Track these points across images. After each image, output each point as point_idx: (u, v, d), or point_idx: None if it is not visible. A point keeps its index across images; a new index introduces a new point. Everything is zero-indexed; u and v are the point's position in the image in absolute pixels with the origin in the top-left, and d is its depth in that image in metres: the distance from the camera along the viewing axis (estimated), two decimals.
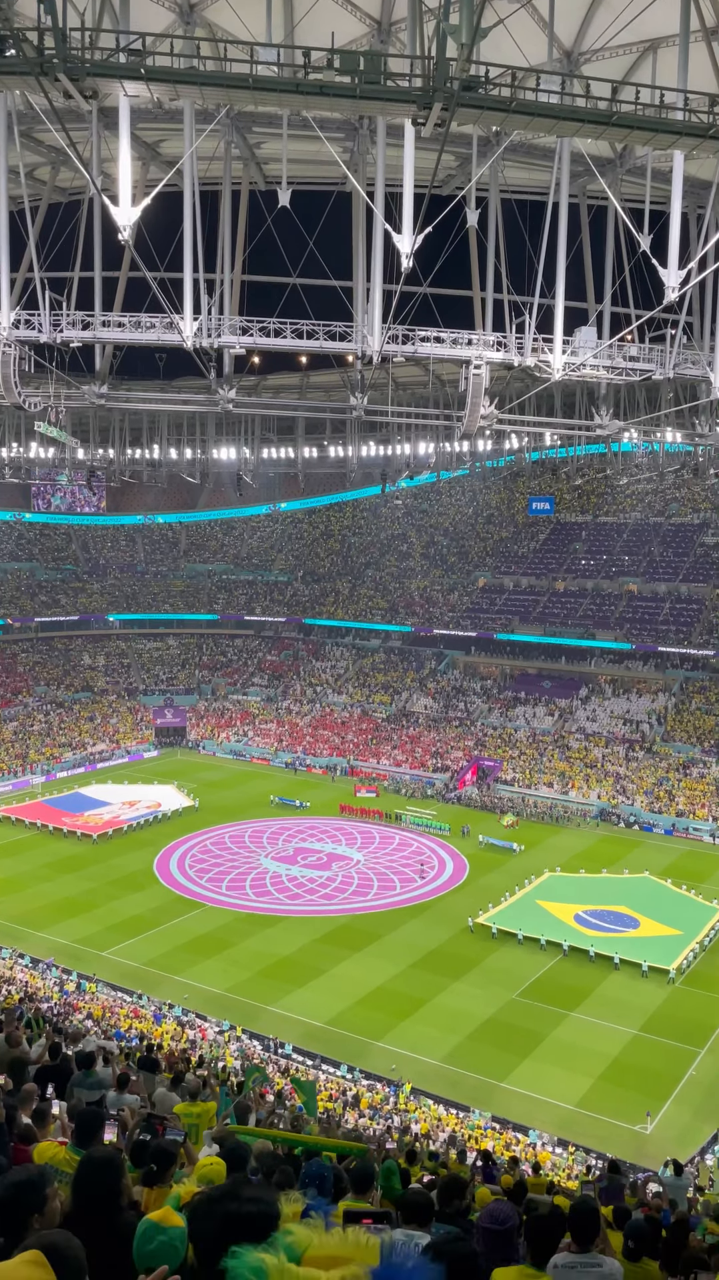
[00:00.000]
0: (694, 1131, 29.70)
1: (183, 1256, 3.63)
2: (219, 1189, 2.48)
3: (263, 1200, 2.35)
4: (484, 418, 34.31)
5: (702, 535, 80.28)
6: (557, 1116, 30.38)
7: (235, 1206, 2.34)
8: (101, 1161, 4.34)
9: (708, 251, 27.68)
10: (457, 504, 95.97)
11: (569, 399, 56.18)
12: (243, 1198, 2.36)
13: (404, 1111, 29.93)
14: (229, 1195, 2.39)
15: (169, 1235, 3.65)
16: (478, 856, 53.50)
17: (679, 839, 57.15)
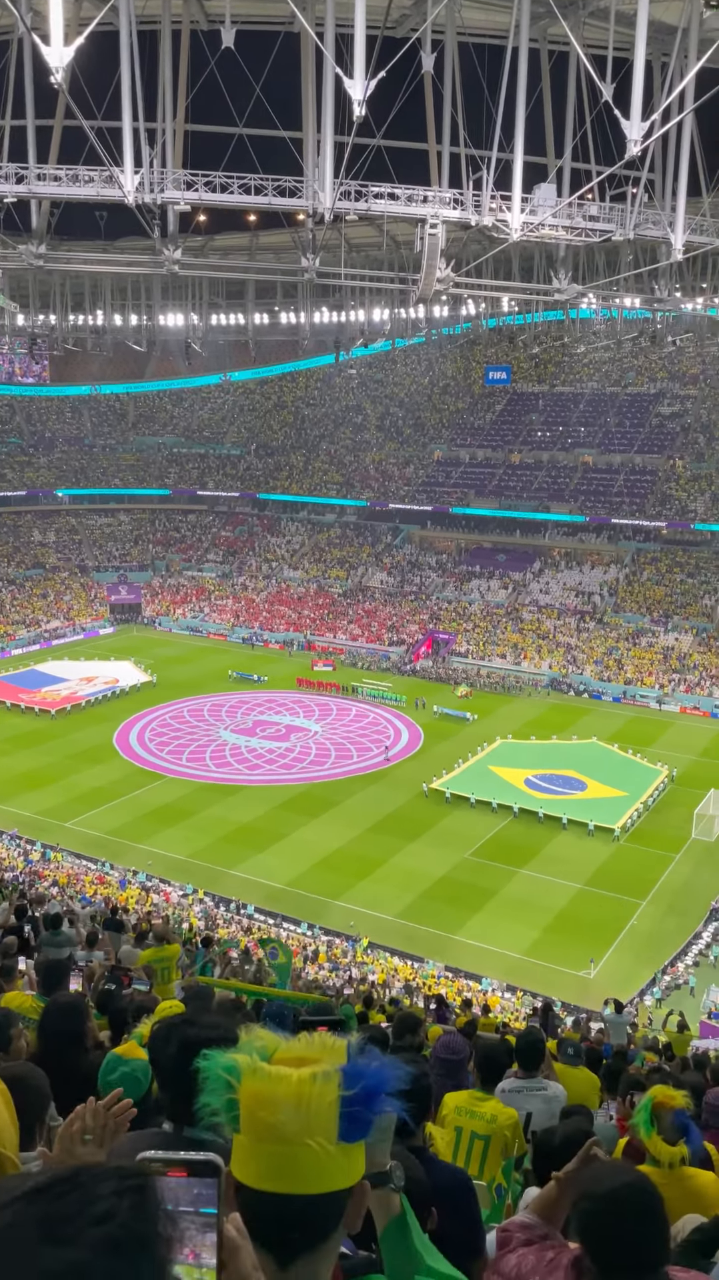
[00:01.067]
0: (634, 975, 31.68)
1: (146, 1088, 3.87)
2: (178, 1015, 2.63)
3: (221, 1025, 2.50)
4: (440, 281, 33.35)
5: (657, 405, 79.74)
6: (506, 965, 32.18)
7: (194, 1031, 2.49)
8: (66, 1006, 4.57)
9: (672, 102, 26.59)
10: (412, 373, 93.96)
11: (527, 262, 54.59)
12: (201, 1023, 2.52)
13: (362, 964, 31.49)
14: (188, 1021, 2.54)
15: (131, 1066, 3.89)
16: (433, 726, 54.74)
17: (627, 706, 58.85)
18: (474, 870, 38.36)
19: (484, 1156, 5.46)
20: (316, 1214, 1.53)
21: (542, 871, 38.24)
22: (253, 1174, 1.51)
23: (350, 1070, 1.55)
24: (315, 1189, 1.50)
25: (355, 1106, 1.52)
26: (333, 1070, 1.53)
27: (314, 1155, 1.49)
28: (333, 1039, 1.64)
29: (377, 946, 33.25)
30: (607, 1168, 2.78)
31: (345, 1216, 1.58)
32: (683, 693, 59.07)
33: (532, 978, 31.37)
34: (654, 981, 31.35)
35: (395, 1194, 1.95)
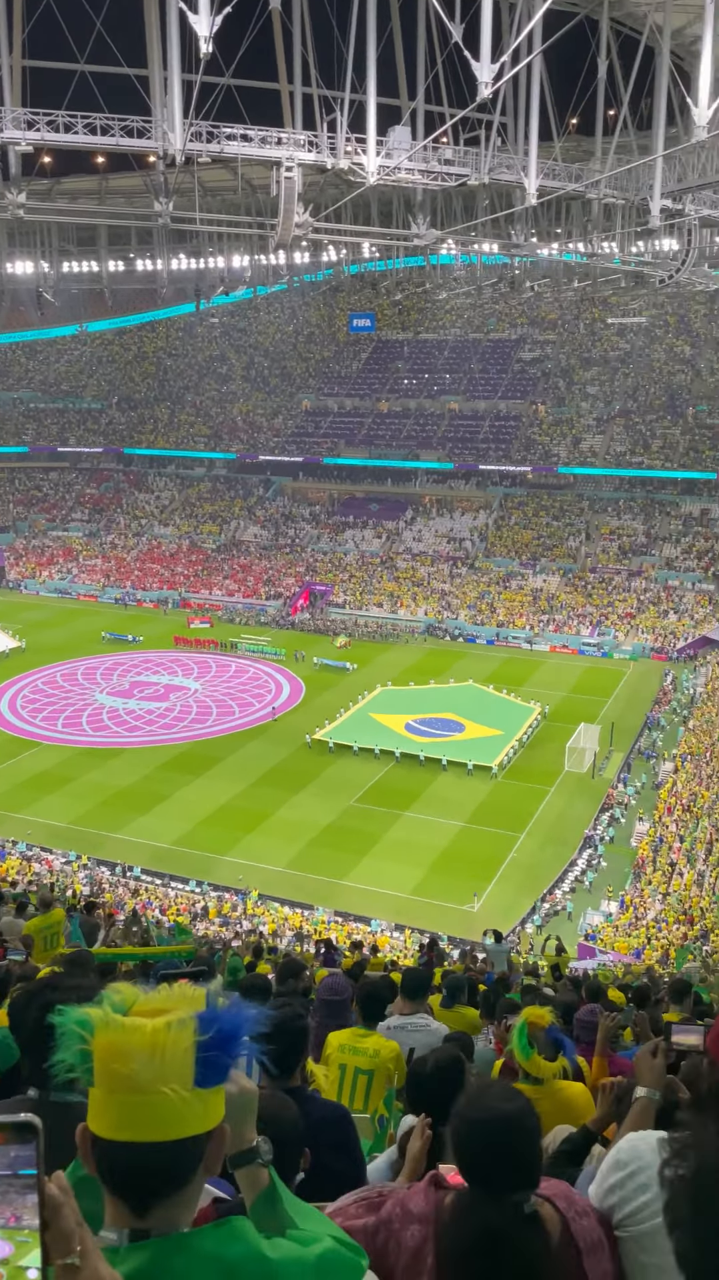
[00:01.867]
0: (516, 905, 32.97)
1: (15, 1057, 3.83)
2: (39, 981, 2.61)
3: (83, 986, 2.49)
4: (299, 226, 32.76)
5: (519, 351, 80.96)
6: (394, 905, 32.99)
7: (53, 995, 2.48)
8: None
9: (521, 43, 26.59)
10: (276, 322, 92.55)
11: (386, 207, 54.17)
12: (62, 986, 2.50)
13: (253, 916, 31.76)
14: (49, 985, 2.52)
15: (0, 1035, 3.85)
16: (313, 678, 54.99)
17: (500, 647, 60.40)
18: (359, 816, 38.99)
19: (368, 1090, 5.63)
20: (173, 1160, 1.54)
21: (425, 813, 39.17)
22: (107, 1125, 1.52)
23: (205, 1016, 1.57)
24: (171, 1135, 1.52)
25: (211, 1051, 1.54)
26: (187, 1017, 1.55)
27: (169, 1102, 1.51)
28: (191, 989, 1.65)
29: (266, 898, 33.56)
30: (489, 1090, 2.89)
31: (204, 1161, 1.60)
32: (552, 632, 60.99)
33: (419, 916, 32.26)
34: (534, 910, 32.71)
35: (263, 1168, 1.97)
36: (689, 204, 35.16)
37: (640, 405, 74.25)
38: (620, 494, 70.93)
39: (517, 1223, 2.34)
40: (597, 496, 71.30)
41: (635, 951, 27.13)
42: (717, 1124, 0.94)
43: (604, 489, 71.46)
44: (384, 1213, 2.64)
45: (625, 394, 75.53)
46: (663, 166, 32.20)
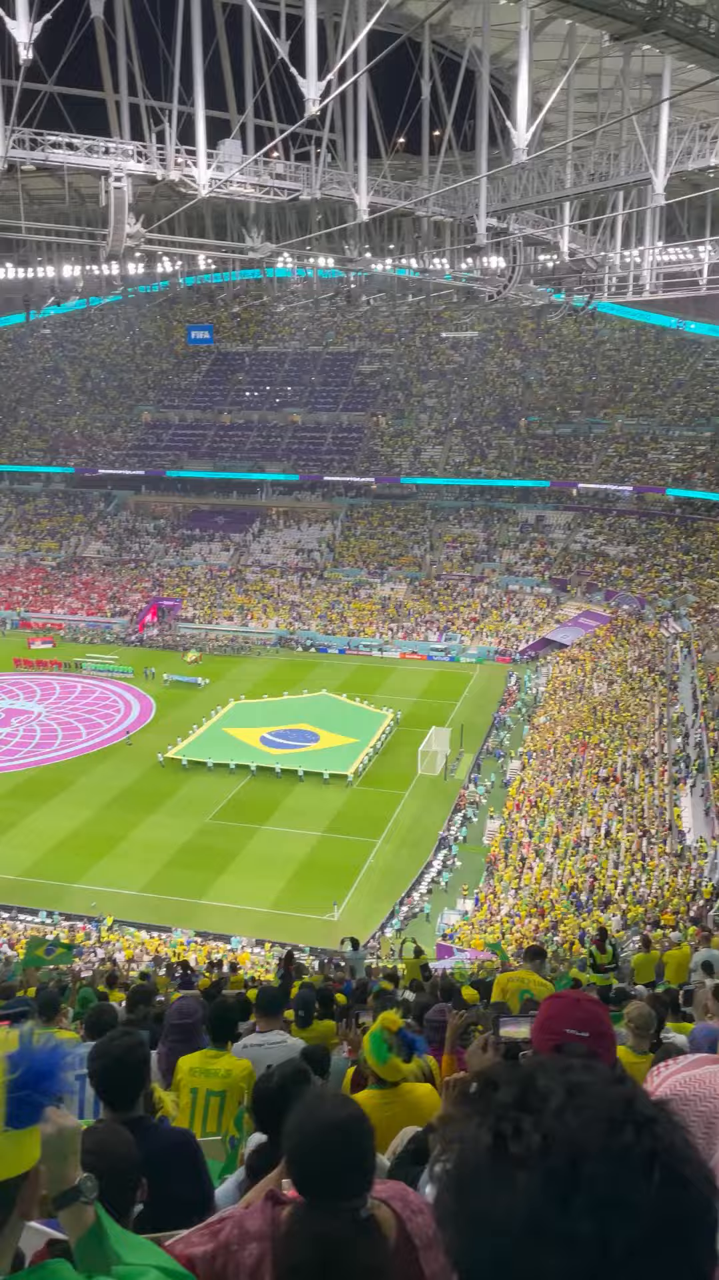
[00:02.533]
0: (375, 911, 33.31)
1: None
2: None
3: None
4: (131, 236, 32.19)
5: (357, 363, 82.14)
6: (254, 920, 32.74)
7: None
8: None
9: (346, 63, 27.06)
10: (112, 333, 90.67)
11: (220, 220, 54.02)
12: None
13: (107, 943, 30.86)
14: None
15: None
16: (164, 695, 54.03)
17: (351, 656, 60.99)
18: (216, 833, 38.53)
19: (221, 1111, 5.58)
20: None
21: (282, 825, 39.08)
22: None
23: (15, 1056, 1.53)
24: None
25: (21, 1091, 1.50)
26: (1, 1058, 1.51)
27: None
28: (5, 1031, 1.61)
29: (122, 924, 32.69)
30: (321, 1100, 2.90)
31: (19, 1204, 1.56)
32: (401, 639, 62.06)
33: (280, 929, 32.13)
34: (393, 914, 33.13)
35: (87, 1207, 1.93)
36: (513, 223, 36.57)
37: (476, 416, 76.60)
38: (461, 503, 72.92)
39: (350, 1229, 2.37)
40: (438, 505, 73.05)
41: (491, 947, 27.85)
42: (480, 1116, 0.98)
43: (445, 498, 73.30)
44: (223, 1236, 2.63)
45: (462, 405, 77.77)
46: (487, 186, 33.34)
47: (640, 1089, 1.03)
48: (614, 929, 25.55)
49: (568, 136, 30.20)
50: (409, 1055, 4.91)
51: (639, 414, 72.13)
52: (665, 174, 28.01)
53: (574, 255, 40.42)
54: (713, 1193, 0.95)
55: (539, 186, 34.29)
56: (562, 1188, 0.89)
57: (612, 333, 77.39)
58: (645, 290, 43.29)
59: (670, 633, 53.43)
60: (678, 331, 72.34)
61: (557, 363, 78.58)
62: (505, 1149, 0.94)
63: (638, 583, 61.47)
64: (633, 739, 42.07)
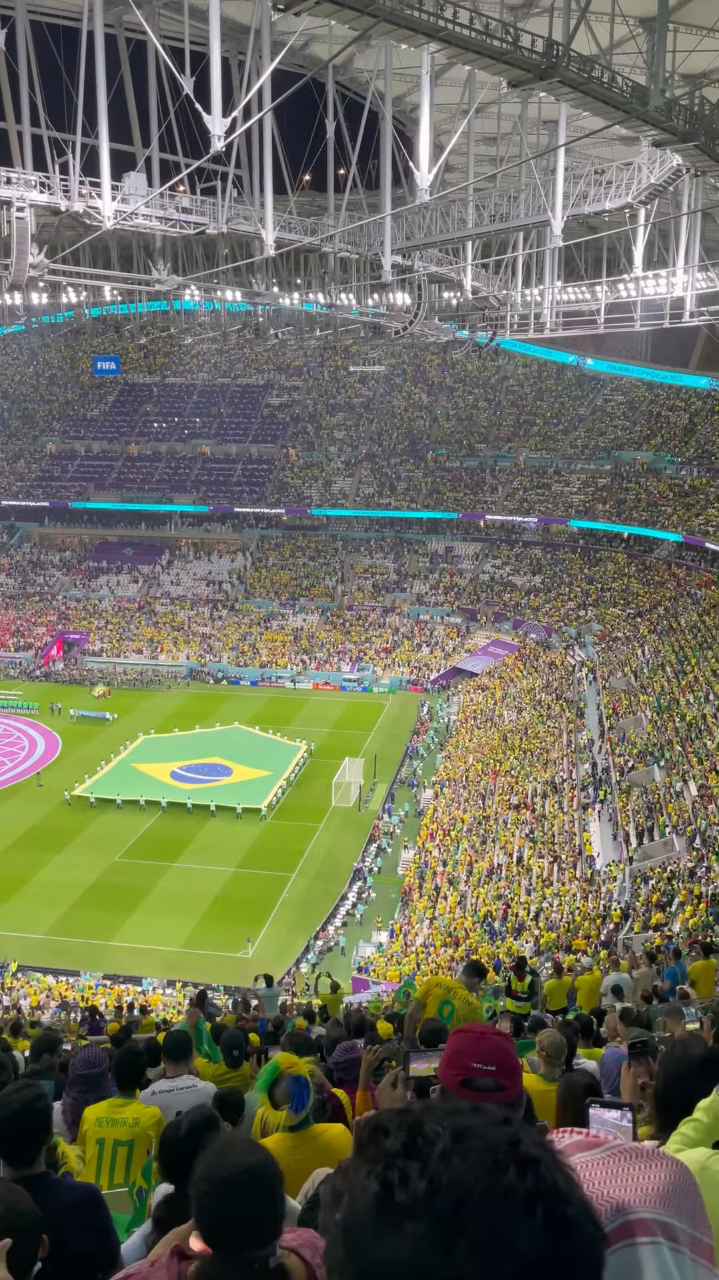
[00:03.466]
0: (290, 946, 32.94)
1: None
2: None
3: None
4: (34, 267, 31.80)
5: (266, 396, 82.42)
6: (166, 960, 32.04)
7: None
8: None
9: (251, 101, 27.36)
10: (15, 363, 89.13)
11: (126, 251, 53.76)
12: None
13: (11, 989, 29.77)
14: None
15: None
16: (70, 730, 52.82)
17: (264, 687, 60.66)
18: (126, 872, 37.67)
19: (129, 1161, 5.39)
20: None
21: (194, 861, 38.44)
22: None
23: None
24: None
25: None
26: None
27: None
28: None
29: (27, 969, 31.60)
30: (229, 1147, 2.83)
31: None
32: (313, 670, 62.00)
33: (192, 968, 31.50)
34: (308, 948, 32.81)
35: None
36: (418, 260, 37.34)
37: (385, 449, 77.52)
38: (371, 534, 73.53)
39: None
40: (349, 537, 73.52)
41: (406, 978, 27.78)
42: (369, 1164, 0.96)
43: (356, 529, 73.82)
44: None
45: (370, 438, 78.63)
46: (391, 225, 34.02)
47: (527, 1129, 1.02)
48: (528, 955, 25.78)
49: (469, 178, 31.02)
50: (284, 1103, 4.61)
51: (542, 448, 74.02)
52: (563, 216, 28.97)
53: (477, 293, 41.44)
54: (598, 1233, 0.94)
55: (442, 226, 35.13)
56: (446, 1232, 0.88)
57: (515, 368, 79.42)
58: (546, 328, 44.57)
59: (576, 660, 54.65)
60: (578, 368, 74.61)
61: (462, 397, 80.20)
62: (392, 1197, 0.92)
63: (544, 611, 62.77)
64: (543, 765, 42.75)
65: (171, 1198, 3.56)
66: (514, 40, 21.55)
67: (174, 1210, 3.52)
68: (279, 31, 29.59)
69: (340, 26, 26.07)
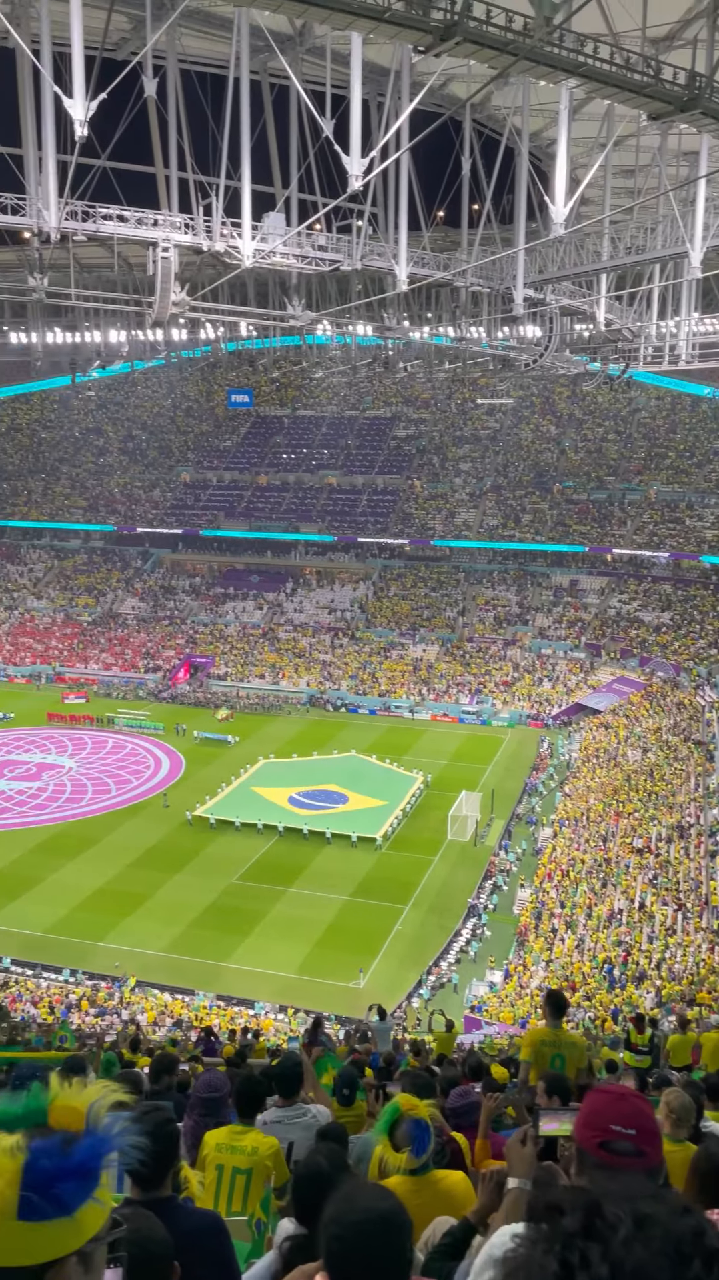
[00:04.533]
0: (402, 979, 32.66)
1: None
2: None
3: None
4: (176, 304, 33.12)
5: (393, 428, 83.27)
6: (278, 985, 32.21)
7: None
8: None
9: (389, 140, 27.92)
10: (154, 396, 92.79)
11: (262, 288, 55.49)
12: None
13: (130, 1004, 30.47)
14: None
15: None
16: (194, 751, 54.07)
17: (382, 717, 60.79)
18: (242, 894, 38.16)
19: (247, 1190, 5.40)
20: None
21: (309, 888, 38.64)
22: None
23: (36, 1150, 1.50)
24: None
25: (34, 1189, 1.47)
26: (17, 1148, 1.47)
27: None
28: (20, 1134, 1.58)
29: (145, 985, 32.29)
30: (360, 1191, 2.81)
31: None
32: (432, 701, 61.80)
33: (304, 995, 31.58)
34: (420, 983, 32.46)
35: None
36: (550, 294, 37.19)
37: (510, 481, 77.12)
38: (494, 566, 73.10)
39: None
40: (471, 568, 73.28)
41: (520, 1021, 27.17)
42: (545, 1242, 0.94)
43: (478, 561, 73.53)
44: None
45: (496, 470, 78.38)
46: (524, 259, 34.03)
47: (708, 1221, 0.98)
48: (648, 1006, 24.86)
49: (605, 211, 30.76)
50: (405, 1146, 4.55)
51: (674, 481, 72.27)
52: (702, 248, 28.40)
53: (610, 325, 40.95)
54: None
55: (576, 259, 34.89)
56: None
57: (647, 400, 78.01)
58: (681, 360, 43.64)
59: (706, 700, 52.80)
60: (713, 400, 72.74)
61: (592, 429, 79.18)
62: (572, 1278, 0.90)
63: (673, 649, 60.98)
64: (668, 809, 41.34)
65: (297, 1235, 3.55)
66: (656, 73, 21.37)
67: (300, 1248, 3.51)
68: (418, 72, 30.10)
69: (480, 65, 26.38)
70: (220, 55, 34.55)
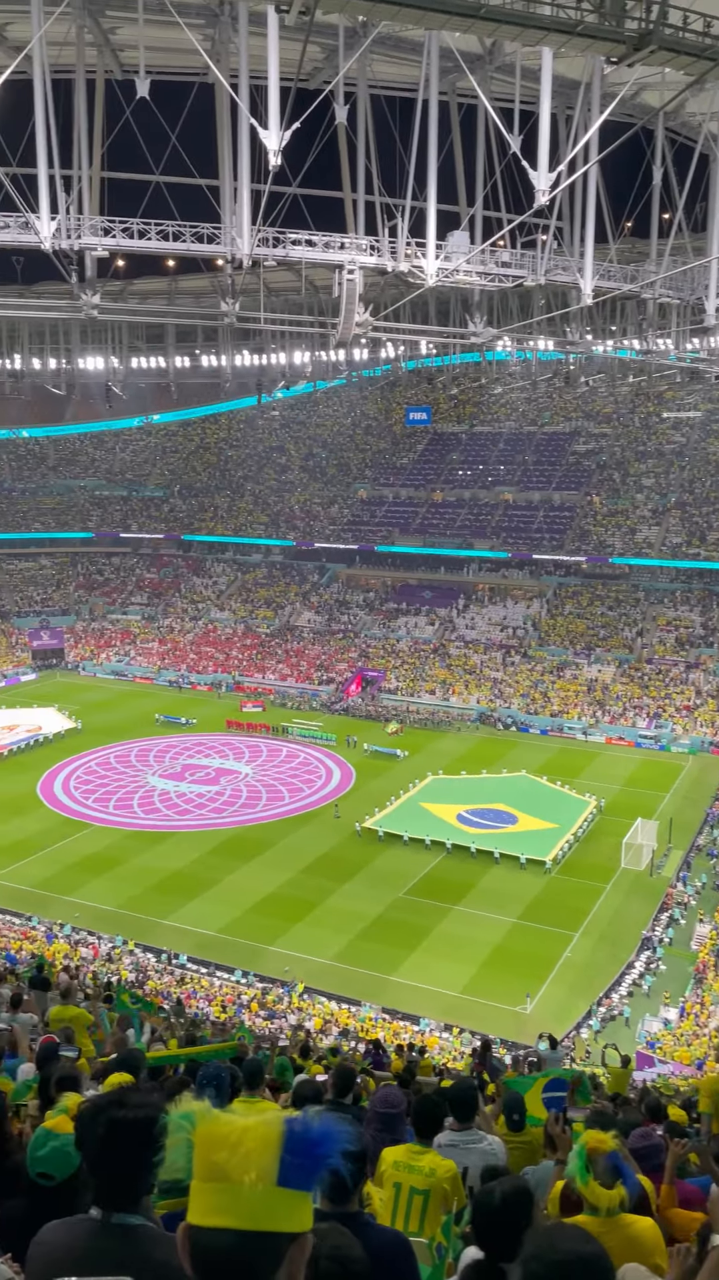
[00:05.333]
0: (571, 1008, 31.78)
1: (76, 1165, 3.73)
2: (105, 1095, 2.55)
3: (148, 1104, 2.43)
4: (359, 325, 33.80)
5: (573, 444, 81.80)
6: (443, 1003, 32.00)
7: (120, 1113, 2.42)
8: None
9: (577, 154, 27.56)
10: (334, 414, 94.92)
11: (443, 306, 55.89)
12: (128, 1103, 2.44)
13: (298, 1010, 31.01)
14: (115, 1102, 2.46)
15: (61, 1141, 3.75)
16: (364, 764, 54.65)
17: (554, 737, 59.58)
18: (409, 909, 38.19)
19: (424, 1212, 5.36)
20: (254, 1252, 1.58)
21: (476, 907, 38.25)
22: (200, 1211, 1.60)
23: (293, 1122, 1.60)
24: (252, 1225, 1.57)
25: (295, 1154, 1.58)
26: (276, 1120, 1.60)
27: (252, 1192, 1.56)
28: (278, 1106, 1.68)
29: (312, 991, 32.80)
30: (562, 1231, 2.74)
31: (287, 1264, 1.62)
32: (607, 723, 60.06)
33: (469, 1015, 31.24)
34: (590, 1014, 31.48)
35: None
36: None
37: (697, 498, 74.20)
38: (677, 585, 70.43)
39: None
40: (652, 587, 70.89)
41: (697, 1063, 25.92)
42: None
43: (660, 580, 71.05)
44: None
45: (681, 486, 75.62)
46: (718, 268, 32.76)
47: None
48: None
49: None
50: (613, 1182, 4.47)
51: None
52: None
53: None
54: None
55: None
56: None
57: None
58: None
59: None
60: None
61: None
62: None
63: None
64: None
65: (482, 1264, 3.49)
66: None
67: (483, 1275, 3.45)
68: (609, 84, 29.60)
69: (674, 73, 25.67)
70: (409, 79, 35.05)
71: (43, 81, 26.37)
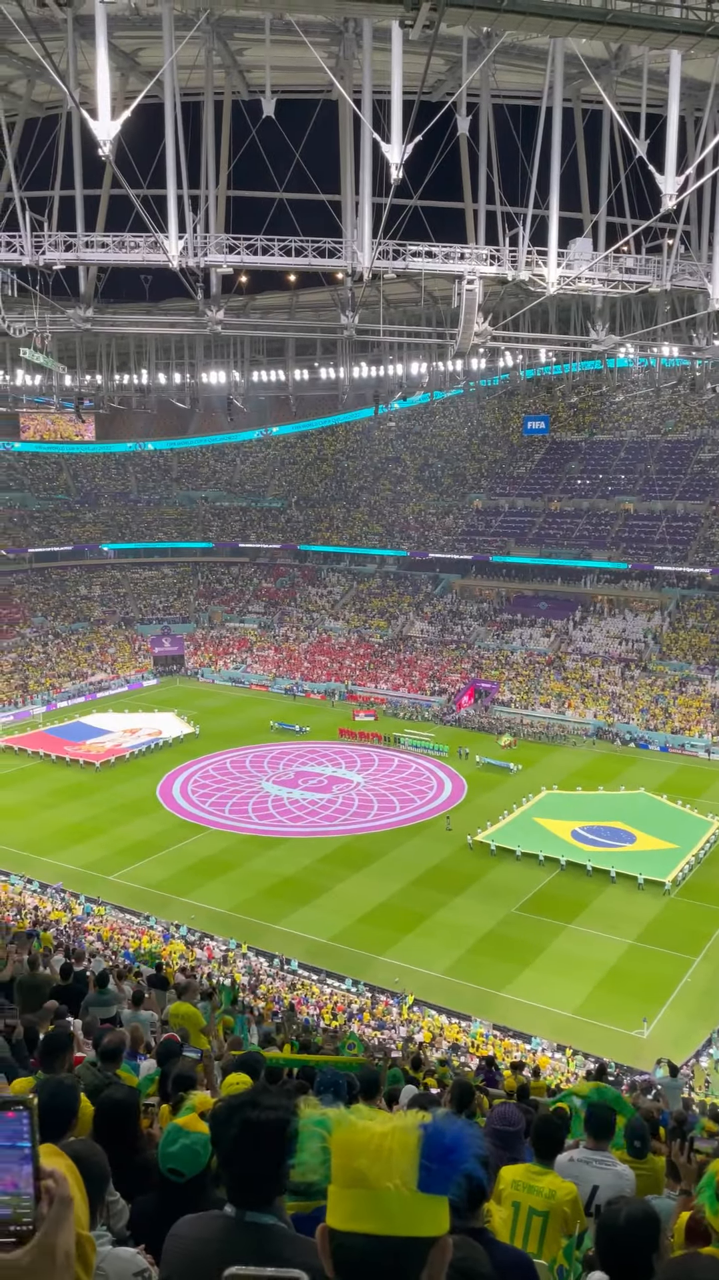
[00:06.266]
0: (690, 1035, 30.71)
1: (205, 1162, 3.81)
2: (240, 1096, 2.60)
3: (281, 1107, 2.47)
4: (478, 335, 33.73)
5: (698, 452, 79.50)
6: (555, 1023, 31.37)
7: (255, 1114, 2.46)
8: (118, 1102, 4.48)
9: (706, 156, 26.87)
10: (450, 425, 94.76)
11: (564, 314, 55.12)
12: (262, 1105, 2.49)
13: (408, 1022, 30.89)
14: (249, 1103, 2.51)
15: (192, 1139, 3.84)
16: (476, 776, 54.21)
17: (675, 755, 57.87)
18: (521, 925, 37.64)
19: (543, 1234, 5.26)
20: (397, 1256, 1.58)
21: (591, 926, 37.42)
22: (340, 1216, 1.60)
23: (430, 1127, 1.60)
24: (396, 1230, 1.57)
25: (433, 1159, 1.57)
26: (413, 1125, 1.60)
27: (394, 1198, 1.56)
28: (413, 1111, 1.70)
29: (422, 1004, 32.63)
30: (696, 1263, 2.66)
31: (428, 1268, 1.61)
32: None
33: (582, 1037, 30.55)
34: (710, 1042, 30.38)
35: None
36: None
37: None
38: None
39: None
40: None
41: None
42: None
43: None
44: None
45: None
46: None
47: None
48: None
49: None
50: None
51: None
52: None
53: None
54: None
55: None
56: None
57: None
58: None
59: None
60: None
61: None
62: None
63: None
64: None
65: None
66: None
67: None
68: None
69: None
70: (532, 87, 34.85)
71: (173, 104, 27.26)
